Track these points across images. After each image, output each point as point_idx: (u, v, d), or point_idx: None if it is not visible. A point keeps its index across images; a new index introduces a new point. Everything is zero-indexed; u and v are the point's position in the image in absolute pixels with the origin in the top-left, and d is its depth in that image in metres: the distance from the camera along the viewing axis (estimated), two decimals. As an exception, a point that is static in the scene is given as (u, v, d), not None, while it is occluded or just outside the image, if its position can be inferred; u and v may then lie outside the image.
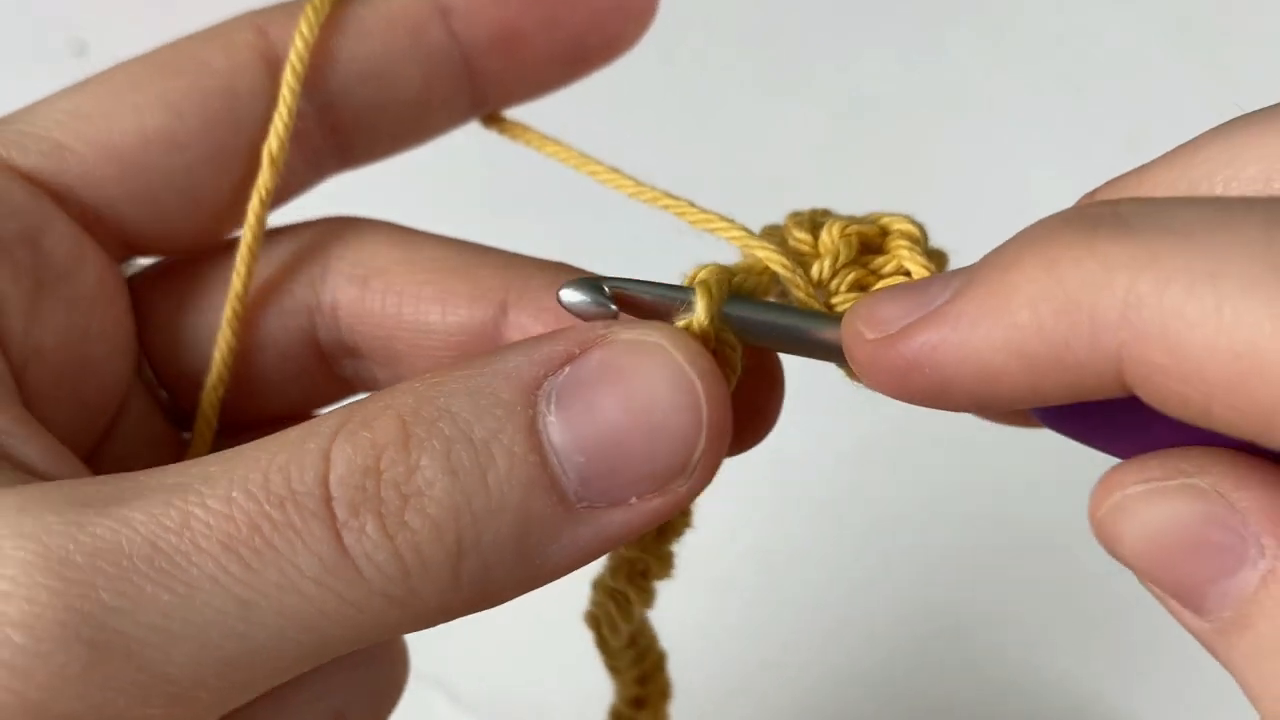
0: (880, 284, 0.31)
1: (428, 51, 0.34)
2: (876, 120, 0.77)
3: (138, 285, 0.36)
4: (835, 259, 0.31)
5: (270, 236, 0.35)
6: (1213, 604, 0.26)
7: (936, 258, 0.32)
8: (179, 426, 0.36)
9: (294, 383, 0.35)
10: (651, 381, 0.27)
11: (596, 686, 0.41)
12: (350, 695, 0.33)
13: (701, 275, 0.29)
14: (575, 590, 0.58)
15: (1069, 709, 0.63)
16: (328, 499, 0.26)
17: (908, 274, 0.31)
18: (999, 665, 0.64)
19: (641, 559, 0.33)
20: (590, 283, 0.29)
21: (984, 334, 0.25)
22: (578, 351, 0.27)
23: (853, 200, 0.35)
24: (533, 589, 0.28)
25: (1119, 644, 0.64)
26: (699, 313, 0.29)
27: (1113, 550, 0.28)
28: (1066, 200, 0.31)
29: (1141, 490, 0.26)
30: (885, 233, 0.31)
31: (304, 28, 0.33)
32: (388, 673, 0.35)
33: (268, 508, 0.26)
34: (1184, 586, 0.27)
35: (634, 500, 0.27)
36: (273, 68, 0.33)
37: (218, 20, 0.35)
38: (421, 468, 0.26)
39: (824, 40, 0.82)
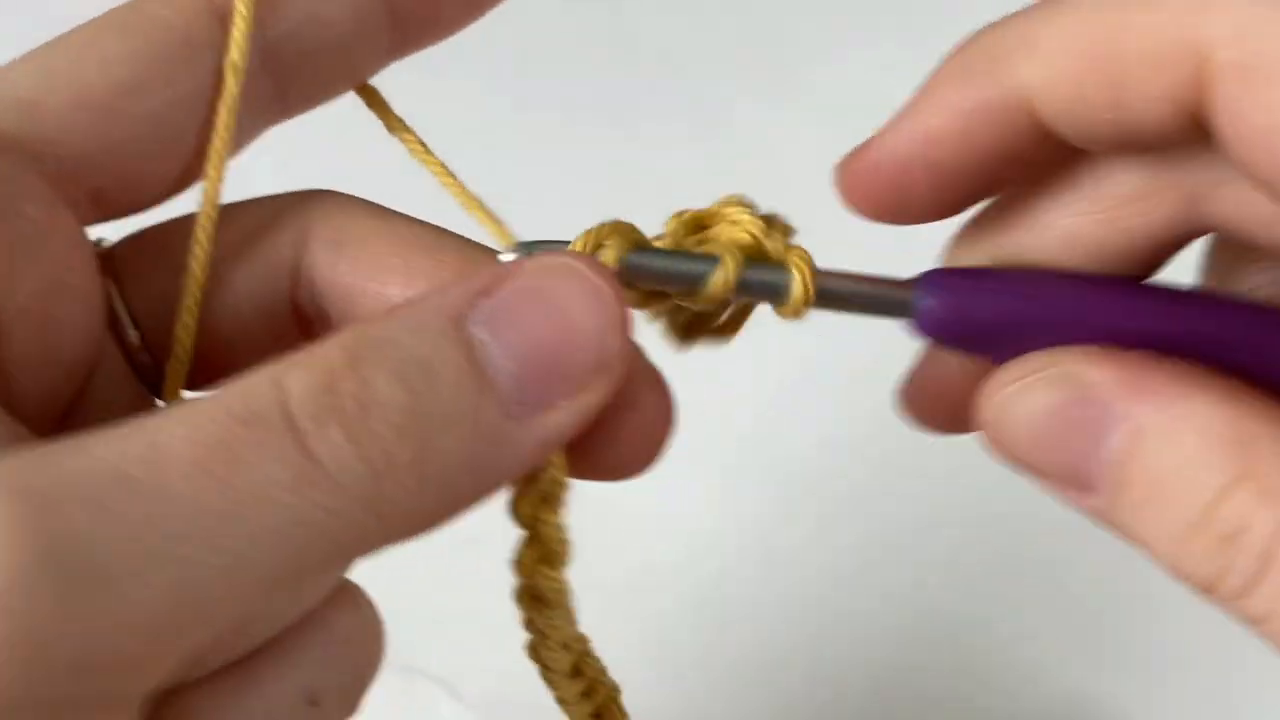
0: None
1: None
2: (876, 121, 0.77)
3: (121, 252, 0.36)
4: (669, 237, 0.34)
5: (249, 202, 0.36)
6: (1096, 478, 0.30)
7: (775, 223, 0.34)
8: (157, 393, 0.36)
9: (273, 344, 0.35)
10: (565, 292, 0.31)
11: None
12: (323, 674, 0.34)
13: (606, 230, 0.34)
14: (575, 591, 0.58)
15: (1067, 709, 0.63)
16: (289, 415, 0.28)
17: (747, 237, 0.34)
18: (997, 665, 0.64)
19: (534, 543, 0.34)
20: (527, 245, 0.34)
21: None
22: (494, 284, 0.30)
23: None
24: (483, 500, 0.31)
25: (1118, 644, 0.64)
26: (609, 256, 0.33)
27: (1006, 456, 0.32)
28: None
29: (1011, 390, 0.31)
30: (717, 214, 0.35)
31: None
32: (361, 651, 0.35)
33: (234, 427, 0.27)
34: (1067, 469, 0.31)
35: (562, 403, 0.30)
36: (223, 20, 0.34)
37: None
38: (375, 382, 0.28)
39: (823, 40, 0.82)
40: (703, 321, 0.36)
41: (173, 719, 0.30)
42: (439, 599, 0.58)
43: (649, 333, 0.34)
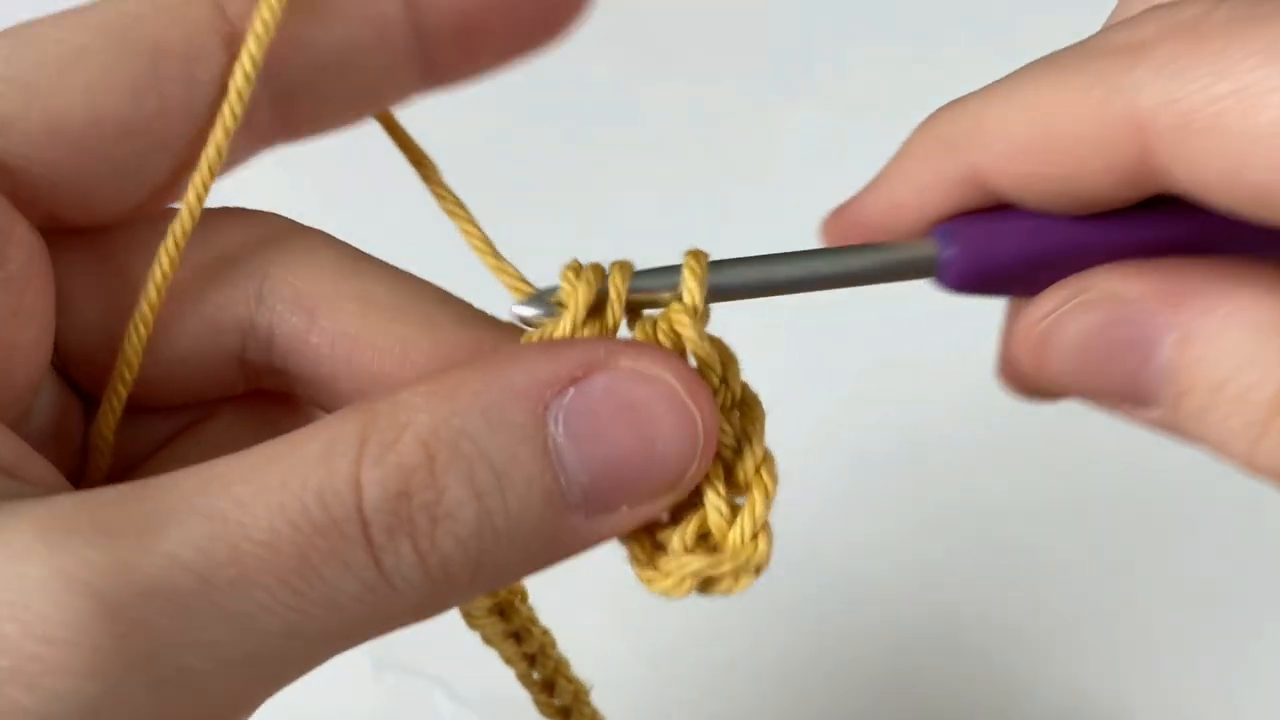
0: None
1: (391, 44, 0.33)
2: (874, 122, 0.78)
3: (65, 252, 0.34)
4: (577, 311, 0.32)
5: (205, 228, 0.33)
6: (1153, 392, 0.29)
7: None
8: (84, 397, 0.35)
9: (203, 383, 0.35)
10: (655, 413, 0.29)
11: (596, 687, 0.41)
12: None
13: (687, 258, 0.31)
14: (575, 592, 0.58)
15: (1066, 709, 0.63)
16: (365, 524, 0.27)
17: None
18: (997, 665, 0.64)
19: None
20: (540, 298, 0.32)
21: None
22: (581, 374, 0.29)
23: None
24: (522, 580, 0.31)
25: (1117, 644, 0.64)
26: (691, 292, 0.31)
27: (1055, 386, 0.31)
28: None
29: (1050, 321, 0.30)
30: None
31: (265, 13, 0.31)
32: None
33: (313, 538, 0.27)
34: (1121, 388, 0.30)
35: (625, 509, 0.30)
36: (232, 49, 0.32)
37: None
38: (449, 490, 0.28)
39: (822, 41, 0.82)
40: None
41: None
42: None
43: None
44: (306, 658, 0.28)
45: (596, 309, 0.31)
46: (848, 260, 0.32)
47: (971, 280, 0.32)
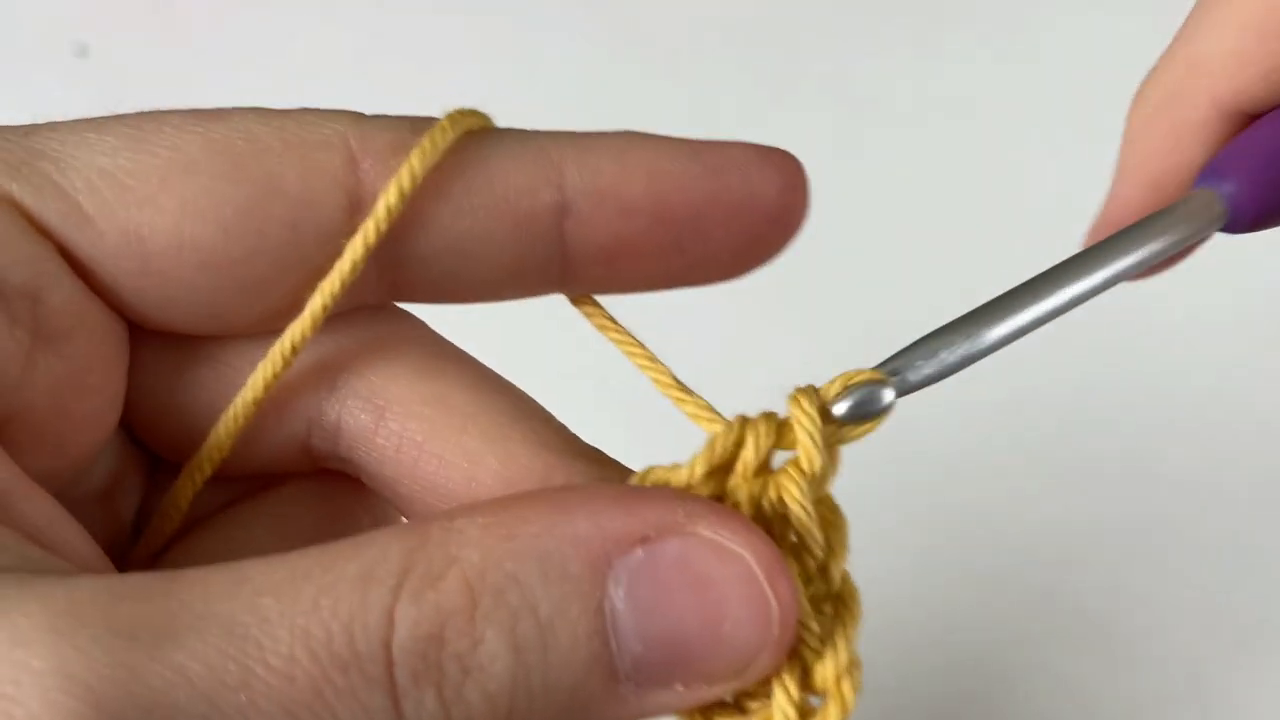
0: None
1: (530, 246, 0.30)
2: (875, 120, 0.78)
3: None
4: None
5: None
6: None
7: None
8: (135, 445, 0.34)
9: (268, 459, 0.33)
10: (726, 594, 0.26)
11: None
12: None
13: (792, 405, 0.28)
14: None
15: (1065, 709, 0.63)
16: (390, 664, 0.25)
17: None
18: (998, 665, 0.64)
19: None
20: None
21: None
22: (653, 535, 0.26)
23: (849, 199, 0.36)
24: None
25: (1115, 644, 0.64)
26: (807, 453, 0.28)
27: None
28: (1066, 201, 0.31)
29: None
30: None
31: (404, 181, 0.29)
32: None
33: (331, 672, 0.25)
34: None
35: (680, 688, 0.27)
36: (353, 210, 0.30)
37: (219, 21, 0.33)
38: (486, 641, 0.25)
39: (823, 41, 0.82)
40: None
41: None
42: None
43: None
44: None
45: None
46: (1124, 249, 0.28)
47: (1265, 206, 0.29)
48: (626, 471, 0.30)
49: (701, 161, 0.30)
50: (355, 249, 0.29)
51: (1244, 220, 0.29)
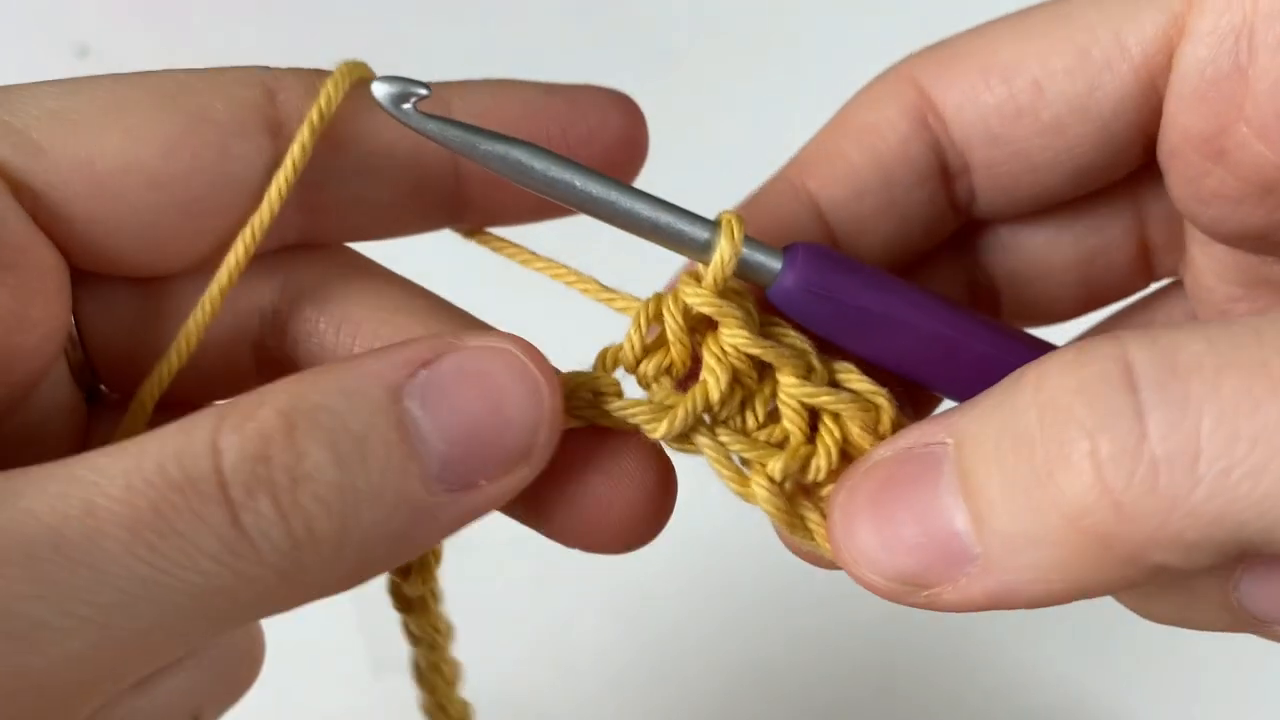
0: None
1: (424, 160, 0.35)
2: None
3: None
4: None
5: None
6: None
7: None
8: (83, 388, 0.36)
9: (219, 376, 0.36)
10: (501, 381, 0.31)
11: (596, 687, 0.41)
12: (207, 696, 0.36)
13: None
14: (574, 594, 0.58)
15: (1066, 708, 0.63)
16: (223, 483, 0.28)
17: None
18: (997, 666, 0.64)
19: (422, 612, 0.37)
20: (398, 80, 0.32)
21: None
22: (432, 356, 0.30)
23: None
24: (399, 564, 0.31)
25: (1116, 643, 0.64)
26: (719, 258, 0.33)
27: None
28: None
29: None
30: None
31: (316, 114, 0.33)
32: (239, 668, 0.37)
33: (168, 494, 0.27)
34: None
35: (483, 483, 0.30)
36: (273, 136, 0.34)
37: (219, 21, 0.35)
38: (310, 454, 0.29)
39: (822, 39, 0.82)
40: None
41: None
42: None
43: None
44: (177, 626, 0.28)
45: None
46: (639, 206, 0.33)
47: (801, 299, 0.33)
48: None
49: (561, 95, 0.35)
50: (293, 154, 0.33)
51: (787, 293, 0.33)
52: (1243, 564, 0.29)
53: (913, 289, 0.34)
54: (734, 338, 0.33)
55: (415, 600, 0.36)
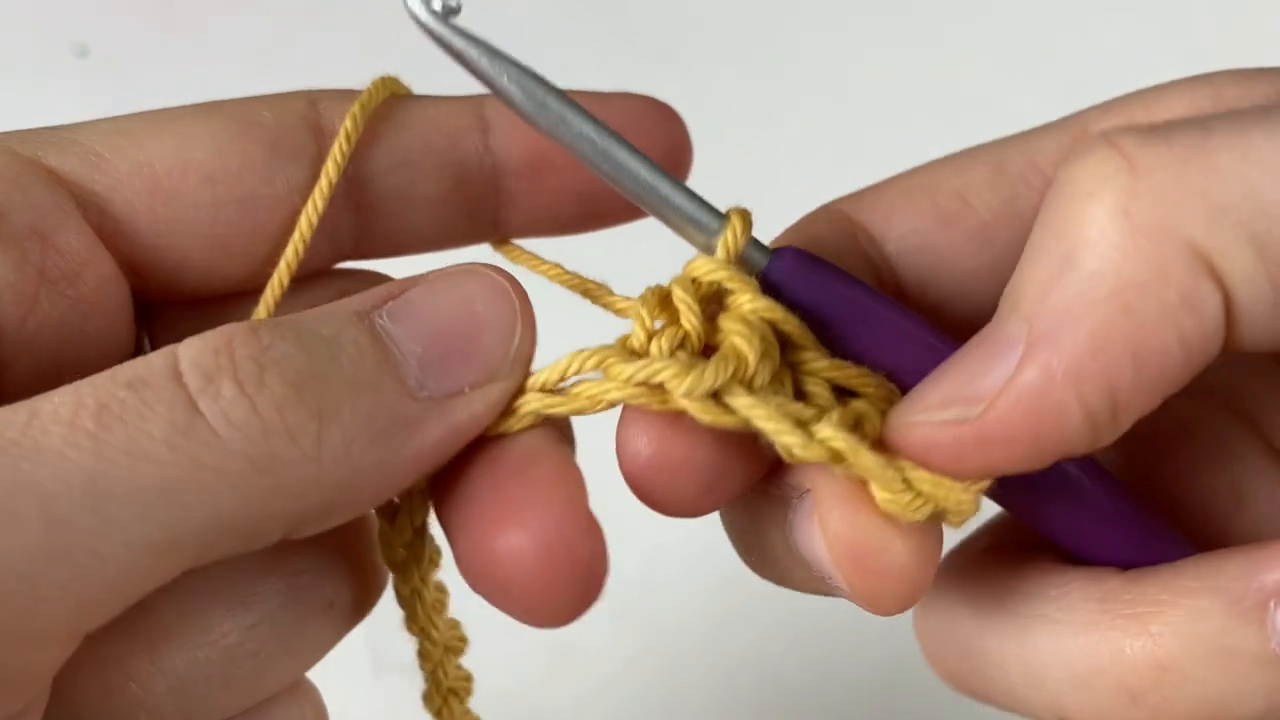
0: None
1: (461, 155, 0.36)
2: (874, 118, 0.78)
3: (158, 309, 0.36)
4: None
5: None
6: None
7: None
8: None
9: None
10: (468, 288, 0.31)
11: (596, 687, 0.41)
12: None
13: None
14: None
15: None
16: (178, 375, 0.27)
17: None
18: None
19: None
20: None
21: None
22: (399, 291, 0.31)
23: (846, 193, 0.36)
24: (393, 481, 0.30)
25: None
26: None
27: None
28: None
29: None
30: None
31: (357, 108, 0.35)
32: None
33: (116, 390, 0.27)
34: None
35: (467, 389, 0.30)
36: (316, 137, 0.35)
37: (219, 21, 0.36)
38: (275, 345, 0.28)
39: (822, 36, 0.82)
40: None
41: None
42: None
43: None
44: (140, 529, 0.26)
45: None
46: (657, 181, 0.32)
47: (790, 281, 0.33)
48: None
49: (598, 99, 0.35)
50: (339, 142, 0.35)
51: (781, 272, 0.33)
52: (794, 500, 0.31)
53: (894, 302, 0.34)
54: (754, 303, 0.31)
55: (406, 597, 0.35)
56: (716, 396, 0.30)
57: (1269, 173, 0.28)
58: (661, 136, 0.36)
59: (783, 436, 0.30)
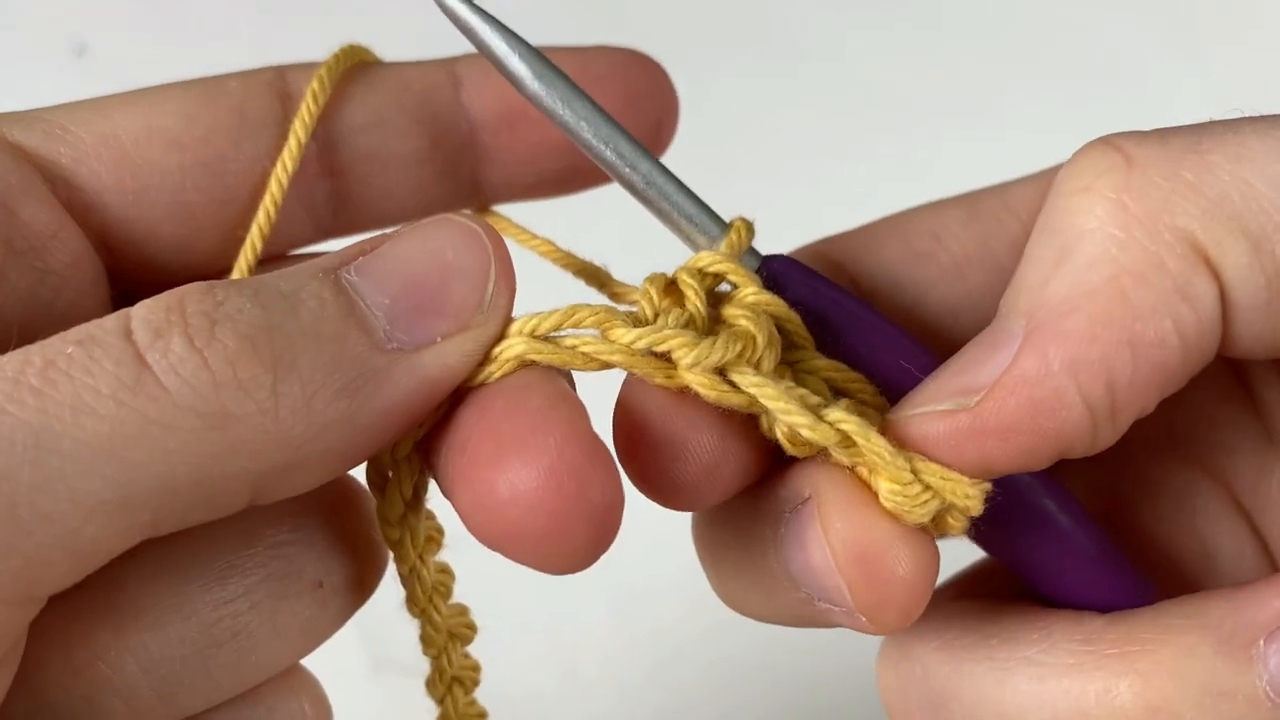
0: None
1: (434, 111, 0.35)
2: (873, 116, 0.78)
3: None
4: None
5: None
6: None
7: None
8: None
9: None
10: (439, 232, 0.30)
11: (596, 687, 0.41)
12: None
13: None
14: (574, 594, 0.58)
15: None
16: (130, 333, 0.26)
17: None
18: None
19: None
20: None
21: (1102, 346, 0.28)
22: (370, 248, 0.30)
23: (846, 195, 0.36)
24: (364, 436, 0.29)
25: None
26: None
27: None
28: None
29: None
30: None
31: (324, 70, 0.35)
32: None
33: (64, 347, 0.26)
34: None
35: (439, 339, 0.29)
36: (284, 103, 0.35)
37: (218, 21, 0.36)
38: (229, 300, 0.27)
39: (822, 33, 0.82)
40: None
41: None
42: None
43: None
44: (90, 486, 0.25)
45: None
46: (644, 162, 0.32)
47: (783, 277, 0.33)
48: None
49: (570, 52, 0.35)
50: (306, 103, 0.34)
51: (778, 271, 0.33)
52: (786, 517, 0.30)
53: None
54: (759, 295, 0.31)
55: (405, 576, 0.34)
56: (723, 374, 0.29)
57: (1262, 171, 0.28)
58: (646, 88, 0.36)
59: (791, 416, 0.29)
